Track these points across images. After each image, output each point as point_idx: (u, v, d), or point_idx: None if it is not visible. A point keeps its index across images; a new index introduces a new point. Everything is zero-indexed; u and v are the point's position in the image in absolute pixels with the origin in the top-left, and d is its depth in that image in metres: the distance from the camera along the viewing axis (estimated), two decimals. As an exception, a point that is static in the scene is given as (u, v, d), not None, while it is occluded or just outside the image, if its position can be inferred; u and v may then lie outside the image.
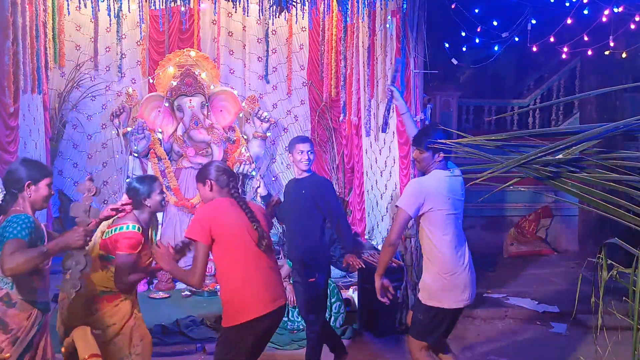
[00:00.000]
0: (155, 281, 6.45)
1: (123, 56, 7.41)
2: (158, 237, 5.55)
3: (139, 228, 3.27)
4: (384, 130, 5.42)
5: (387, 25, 6.14)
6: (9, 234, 2.73)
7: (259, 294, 3.16)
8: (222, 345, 3.20)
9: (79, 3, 6.41)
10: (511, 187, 2.18)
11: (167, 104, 6.94)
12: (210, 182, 3.29)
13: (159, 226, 6.58)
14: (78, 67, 7.27)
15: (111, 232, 3.28)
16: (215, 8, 6.69)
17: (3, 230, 2.77)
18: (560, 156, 1.91)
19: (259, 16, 7.27)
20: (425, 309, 3.54)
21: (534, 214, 8.83)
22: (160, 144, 6.94)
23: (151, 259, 3.40)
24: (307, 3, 5.97)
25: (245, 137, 7.30)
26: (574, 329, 5.79)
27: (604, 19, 7.02)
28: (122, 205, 3.39)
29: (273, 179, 7.87)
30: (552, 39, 7.38)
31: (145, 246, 3.35)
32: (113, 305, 3.30)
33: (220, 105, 7.10)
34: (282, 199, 4.25)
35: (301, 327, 5.24)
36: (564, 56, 7.93)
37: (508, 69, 10.16)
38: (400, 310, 5.47)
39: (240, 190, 3.45)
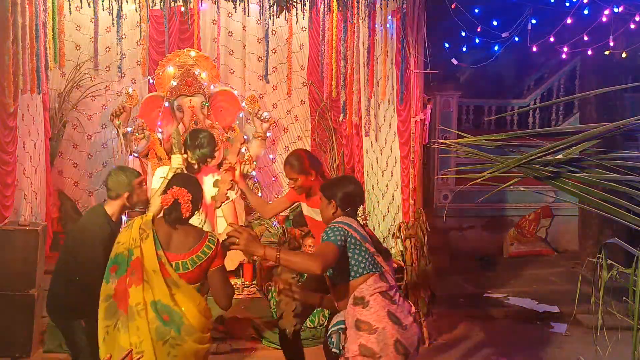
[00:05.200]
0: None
1: (123, 56, 7.38)
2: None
3: None
4: None
5: (387, 25, 6.14)
6: None
7: None
8: None
9: (81, 2, 6.39)
10: (511, 187, 2.18)
11: (167, 104, 6.93)
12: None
13: None
14: (78, 67, 7.26)
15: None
16: (217, 8, 6.68)
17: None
18: (560, 156, 1.91)
19: (259, 16, 7.26)
20: None
21: (534, 214, 8.82)
22: (160, 144, 6.93)
23: None
24: (307, 3, 5.96)
25: (245, 137, 7.29)
26: (574, 329, 5.79)
27: (604, 19, 7.02)
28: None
29: (273, 179, 7.86)
30: (552, 39, 7.37)
31: None
32: None
33: (220, 105, 7.09)
34: None
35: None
36: (564, 56, 7.92)
37: (508, 69, 10.13)
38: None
39: None
